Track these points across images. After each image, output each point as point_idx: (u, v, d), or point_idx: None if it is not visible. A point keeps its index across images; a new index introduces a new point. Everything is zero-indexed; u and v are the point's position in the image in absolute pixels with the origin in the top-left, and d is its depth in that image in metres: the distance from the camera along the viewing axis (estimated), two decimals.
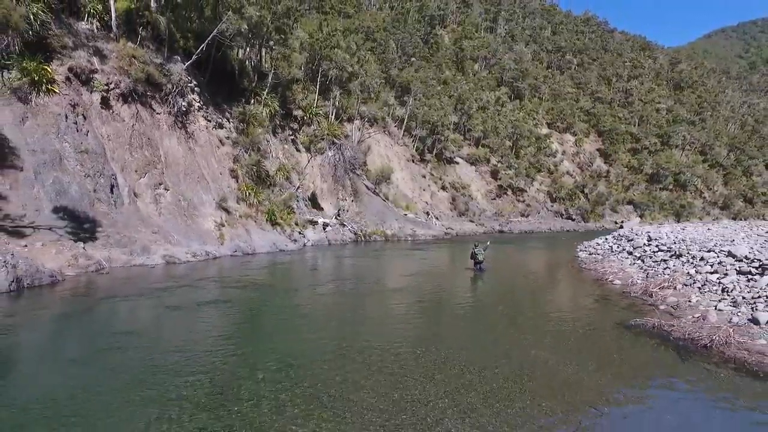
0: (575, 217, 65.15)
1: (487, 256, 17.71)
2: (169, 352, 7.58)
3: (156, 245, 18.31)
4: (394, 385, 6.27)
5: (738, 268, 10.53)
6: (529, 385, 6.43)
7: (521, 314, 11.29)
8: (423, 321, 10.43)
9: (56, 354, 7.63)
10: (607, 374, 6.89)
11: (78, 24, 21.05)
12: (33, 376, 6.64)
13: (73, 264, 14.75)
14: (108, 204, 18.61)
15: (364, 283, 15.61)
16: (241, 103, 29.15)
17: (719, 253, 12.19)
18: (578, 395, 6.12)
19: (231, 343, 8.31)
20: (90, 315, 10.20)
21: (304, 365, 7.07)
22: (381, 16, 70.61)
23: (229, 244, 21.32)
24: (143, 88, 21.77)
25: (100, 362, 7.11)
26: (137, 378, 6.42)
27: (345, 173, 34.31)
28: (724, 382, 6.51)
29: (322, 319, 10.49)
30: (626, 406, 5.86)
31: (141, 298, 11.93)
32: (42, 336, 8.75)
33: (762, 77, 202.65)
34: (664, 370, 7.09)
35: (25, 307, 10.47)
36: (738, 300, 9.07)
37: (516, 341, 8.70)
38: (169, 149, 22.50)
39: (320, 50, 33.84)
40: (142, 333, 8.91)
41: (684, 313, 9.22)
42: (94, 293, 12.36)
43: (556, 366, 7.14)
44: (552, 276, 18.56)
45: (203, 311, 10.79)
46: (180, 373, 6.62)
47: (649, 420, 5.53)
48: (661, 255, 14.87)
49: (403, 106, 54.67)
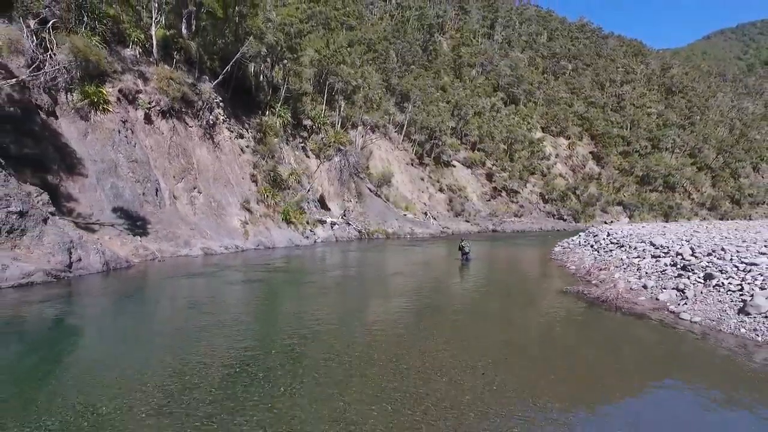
0: (566, 217, 68.61)
1: (474, 250, 21.21)
2: (235, 310, 11.13)
3: (194, 239, 21.86)
4: (391, 338, 9.81)
5: (652, 254, 14.02)
6: (485, 318, 9.97)
7: (494, 286, 14.81)
8: (417, 293, 13.96)
9: (162, 308, 11.17)
10: (534, 316, 10.41)
11: (124, 51, 24.61)
12: (159, 317, 10.18)
13: (136, 254, 18.29)
14: (154, 205, 22.17)
15: (368, 269, 19.15)
16: (258, 114, 32.69)
17: (646, 243, 15.68)
18: (510, 322, 9.64)
19: (275, 305, 11.85)
20: (170, 288, 13.74)
21: (329, 323, 10.61)
22: (382, 26, 74.15)
23: (252, 239, 24.86)
24: (179, 105, 25.34)
25: (193, 317, 10.66)
26: (220, 323, 9.97)
27: (350, 177, 37.85)
28: (606, 318, 10.01)
29: (336, 292, 14.03)
30: (539, 328, 9.35)
31: (199, 277, 15.48)
32: (148, 298, 12.30)
33: (757, 80, 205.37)
34: (574, 312, 10.58)
35: (122, 282, 14.01)
36: (643, 274, 12.57)
37: (486, 302, 12.24)
38: (200, 157, 26.06)
39: (327, 65, 37.39)
40: (214, 299, 12.44)
41: (605, 284, 12.72)
42: (162, 274, 15.90)
43: (506, 308, 10.68)
44: (526, 264, 22.10)
45: (252, 285, 14.34)
46: (242, 322, 10.16)
47: (551, 330, 9.01)
48: (611, 247, 18.38)
49: (402, 113, 58.23)
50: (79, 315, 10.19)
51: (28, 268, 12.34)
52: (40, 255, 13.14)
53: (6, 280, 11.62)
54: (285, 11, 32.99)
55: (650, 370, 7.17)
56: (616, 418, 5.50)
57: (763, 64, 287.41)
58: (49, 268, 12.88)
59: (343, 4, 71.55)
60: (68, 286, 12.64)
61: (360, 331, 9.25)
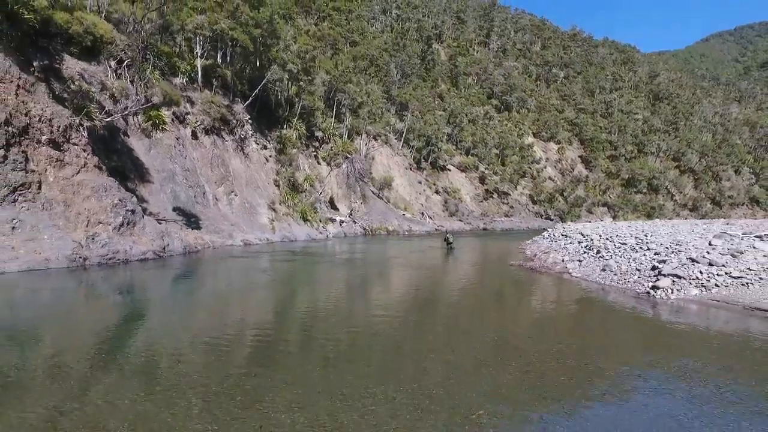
0: (553, 217, 74.18)
1: (458, 242, 26.81)
2: (281, 277, 16.77)
3: (235, 233, 27.48)
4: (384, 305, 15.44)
5: (579, 240, 19.61)
6: (455, 280, 15.57)
7: (465, 263, 20.42)
8: (407, 271, 19.55)
9: (236, 273, 16.81)
10: (487, 276, 16.00)
11: (175, 80, 30.25)
12: (235, 279, 15.81)
13: (197, 243, 23.89)
14: (203, 205, 27.80)
15: (373, 255, 24.81)
16: (278, 128, 38.33)
17: (579, 234, 21.30)
18: (470, 280, 15.24)
19: (309, 275, 17.50)
20: (235, 264, 19.36)
21: (350, 287, 16.25)
22: (383, 39, 79.83)
23: (278, 233, 30.48)
24: (218, 124, 30.99)
25: (256, 279, 16.26)
26: (275, 282, 15.58)
27: (356, 181, 43.50)
28: (530, 276, 15.60)
29: (350, 268, 19.65)
30: (488, 282, 14.91)
31: (250, 258, 21.11)
32: (227, 267, 17.92)
33: (750, 84, 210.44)
34: (512, 274, 16.17)
35: (200, 261, 19.60)
36: (565, 254, 18.19)
37: (456, 271, 17.87)
38: (235, 166, 31.70)
39: (336, 84, 43.04)
40: (273, 270, 18.01)
41: (542, 261, 18.34)
42: (224, 256, 21.53)
43: (470, 273, 16.33)
44: (497, 250, 27.76)
45: (294, 261, 19.96)
46: (300, 283, 15.79)
47: (493, 282, 14.57)
48: (560, 238, 24.00)
49: (402, 121, 63.92)
50: (186, 276, 15.85)
51: (143, 249, 17.98)
52: (147, 241, 18.76)
53: (133, 255, 17.26)
54: (301, 40, 38.62)
55: (539, 296, 12.77)
56: (506, 312, 11.08)
57: (759, 67, 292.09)
58: (153, 249, 18.51)
59: (347, 21, 77.42)
60: (166, 261, 18.28)
61: (362, 299, 14.89)
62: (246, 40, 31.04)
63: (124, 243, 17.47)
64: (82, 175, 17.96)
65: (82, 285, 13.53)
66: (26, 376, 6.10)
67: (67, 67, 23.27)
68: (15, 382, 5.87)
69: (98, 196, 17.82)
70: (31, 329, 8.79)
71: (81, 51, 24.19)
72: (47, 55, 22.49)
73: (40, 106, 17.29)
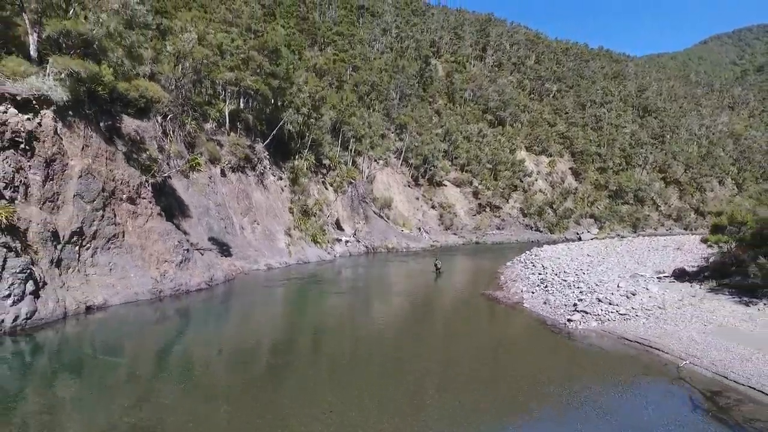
0: (542, 229, 79.38)
1: (448, 266, 32.00)
2: (320, 293, 22.03)
3: (259, 258, 32.70)
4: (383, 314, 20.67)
5: (538, 273, 24.79)
6: (433, 304, 20.76)
7: (446, 289, 25.60)
8: (396, 299, 24.75)
9: (272, 294, 22.02)
10: (454, 307, 21.17)
11: (206, 125, 35.48)
12: (274, 298, 21.02)
13: (231, 269, 29.10)
14: (232, 235, 33.02)
15: (372, 281, 30.04)
16: (291, 159, 43.53)
17: (540, 265, 26.50)
18: (444, 305, 20.43)
19: (339, 289, 22.75)
20: (269, 291, 24.55)
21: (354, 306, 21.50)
22: (383, 60, 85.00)
23: (294, 256, 35.69)
24: (242, 162, 36.22)
25: (292, 297, 21.48)
26: (319, 301, 20.81)
27: (359, 204, 48.73)
28: (490, 305, 20.77)
29: (349, 297, 24.88)
30: (454, 308, 20.07)
31: (279, 285, 26.32)
32: (265, 289, 23.12)
33: (743, 90, 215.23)
34: (476, 303, 21.33)
35: (240, 286, 24.77)
36: (527, 284, 23.40)
37: (438, 296, 23.09)
38: (257, 198, 36.93)
39: (341, 117, 48.29)
40: (295, 297, 23.20)
41: (507, 290, 23.50)
42: (255, 281, 26.73)
43: (447, 299, 21.56)
44: (477, 274, 32.95)
45: (316, 284, 25.20)
46: (325, 300, 21.03)
47: (458, 310, 19.71)
48: (529, 266, 29.21)
49: (401, 140, 69.17)
50: (236, 299, 21.08)
51: (197, 280, 23.22)
52: (199, 273, 23.99)
53: (191, 286, 22.50)
54: (311, 82, 43.87)
55: (487, 325, 17.95)
56: (469, 336, 16.27)
57: (756, 70, 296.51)
58: (205, 281, 23.75)
59: (350, 45, 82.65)
60: (214, 290, 23.50)
61: (364, 313, 20.14)
62: (266, 90, 36.24)
63: (185, 277, 22.71)
64: (151, 223, 23.18)
65: (175, 312, 18.80)
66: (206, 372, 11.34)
67: (125, 125, 28.48)
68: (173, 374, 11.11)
69: (163, 239, 23.06)
70: (172, 343, 14.04)
71: (136, 111, 29.41)
72: (110, 117, 27.70)
73: (121, 171, 22.51)
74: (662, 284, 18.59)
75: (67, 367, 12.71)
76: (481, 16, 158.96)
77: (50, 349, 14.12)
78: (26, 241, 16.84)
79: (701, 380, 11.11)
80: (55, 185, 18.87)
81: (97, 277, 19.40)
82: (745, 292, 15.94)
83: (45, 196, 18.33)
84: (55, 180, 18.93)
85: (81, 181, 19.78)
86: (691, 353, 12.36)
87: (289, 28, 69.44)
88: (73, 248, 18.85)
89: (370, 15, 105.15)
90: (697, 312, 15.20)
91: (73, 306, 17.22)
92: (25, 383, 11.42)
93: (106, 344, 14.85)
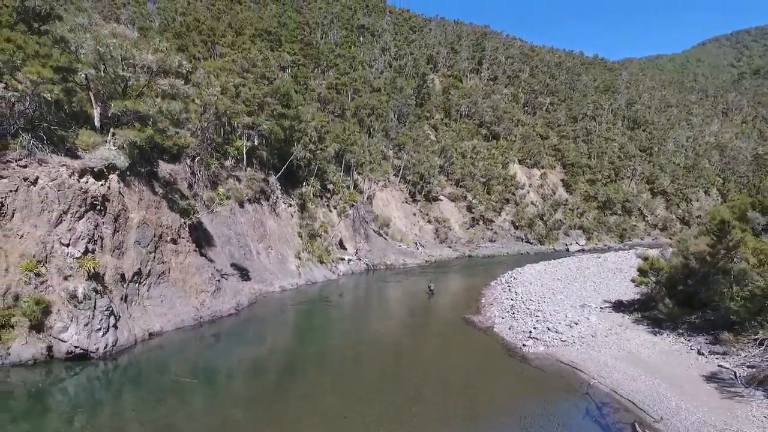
0: (533, 241, 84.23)
1: (439, 286, 36.95)
2: (336, 312, 26.99)
3: (274, 280, 37.61)
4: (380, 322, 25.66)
5: (511, 298, 29.68)
6: (418, 324, 25.69)
7: (432, 314, 30.46)
8: (395, 310, 29.63)
9: (297, 323, 26.95)
10: (434, 331, 26.07)
11: (226, 162, 40.41)
12: (298, 328, 25.95)
13: (251, 292, 33.99)
14: (250, 260, 37.94)
15: (372, 302, 34.97)
16: (299, 187, 48.45)
17: (513, 292, 31.41)
18: (429, 327, 25.33)
19: (351, 307, 27.71)
20: (287, 311, 29.46)
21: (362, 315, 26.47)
22: (382, 81, 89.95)
23: (303, 277, 40.58)
24: (258, 195, 41.15)
25: (312, 316, 26.41)
26: (343, 319, 25.75)
27: (360, 224, 53.66)
28: (466, 329, 25.63)
29: (355, 304, 29.78)
30: (437, 329, 24.94)
31: (296, 304, 31.24)
32: (288, 318, 28.04)
33: (737, 96, 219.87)
34: (455, 328, 26.19)
35: (263, 307, 29.65)
36: (500, 308, 28.29)
37: (419, 325, 28.03)
38: (270, 226, 41.86)
39: (344, 146, 53.24)
40: (307, 321, 28.09)
41: (483, 313, 28.38)
42: (275, 302, 31.63)
43: (433, 320, 26.52)
44: (464, 295, 37.75)
45: (324, 309, 30.13)
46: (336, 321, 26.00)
47: (439, 332, 24.58)
48: (507, 289, 34.09)
49: (399, 158, 74.14)
50: (259, 323, 26.01)
51: (228, 307, 28.16)
52: (228, 300, 28.91)
53: (224, 312, 27.44)
54: (318, 116, 48.83)
55: (458, 348, 22.83)
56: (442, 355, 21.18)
57: (753, 73, 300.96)
58: (234, 306, 28.68)
59: (351, 67, 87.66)
60: (241, 313, 28.40)
61: (363, 328, 25.10)
62: (278, 130, 41.16)
63: (218, 304, 27.65)
64: (189, 259, 28.10)
65: (215, 336, 23.72)
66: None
67: (161, 169, 33.42)
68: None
69: (199, 272, 27.99)
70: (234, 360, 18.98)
71: (169, 156, 34.36)
72: (149, 164, 32.64)
73: (165, 217, 27.42)
74: (602, 314, 23.49)
75: (152, 381, 17.65)
76: (477, 29, 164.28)
77: (135, 368, 19.08)
78: (104, 283, 21.76)
79: (600, 394, 16.00)
80: (120, 235, 23.81)
81: (152, 308, 24.32)
82: (657, 323, 20.76)
83: (114, 245, 23.26)
84: (120, 231, 23.86)
85: (139, 230, 24.71)
86: (601, 374, 17.25)
87: (294, 54, 74.42)
88: (135, 286, 23.78)
89: (370, 35, 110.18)
90: (617, 340, 20.10)
91: (140, 333, 22.15)
92: (131, 392, 16.36)
93: (172, 363, 19.78)
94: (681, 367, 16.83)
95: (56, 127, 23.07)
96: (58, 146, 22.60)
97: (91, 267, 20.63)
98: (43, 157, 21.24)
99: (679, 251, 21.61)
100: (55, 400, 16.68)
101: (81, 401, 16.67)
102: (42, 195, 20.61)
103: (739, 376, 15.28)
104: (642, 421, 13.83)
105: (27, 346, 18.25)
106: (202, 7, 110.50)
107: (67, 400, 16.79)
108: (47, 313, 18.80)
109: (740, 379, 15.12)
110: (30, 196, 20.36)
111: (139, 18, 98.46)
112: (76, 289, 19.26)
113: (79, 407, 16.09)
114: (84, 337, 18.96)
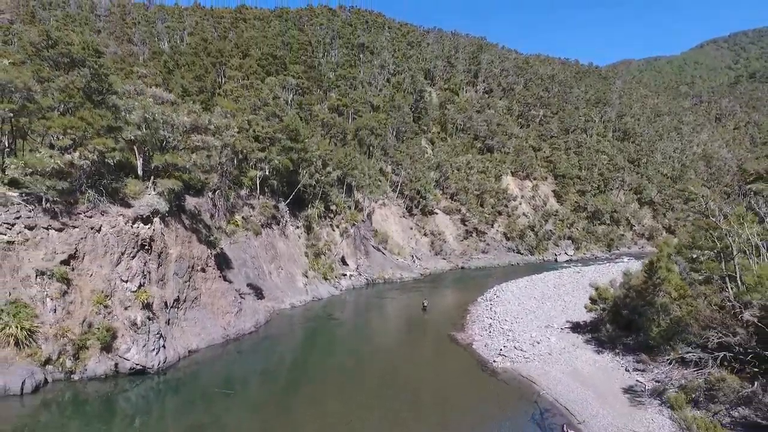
0: (523, 251, 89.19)
1: (432, 301, 42.01)
2: (347, 325, 32.02)
3: (285, 298, 42.57)
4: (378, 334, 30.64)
5: (491, 317, 34.61)
6: (412, 337, 30.67)
7: (422, 330, 35.40)
8: (390, 326, 34.57)
9: (306, 338, 31.97)
10: (421, 347, 31.01)
11: (241, 191, 45.38)
12: (309, 343, 30.94)
13: (266, 310, 38.91)
14: (263, 280, 42.91)
15: (371, 319, 39.96)
16: (304, 210, 53.43)
17: (493, 311, 36.37)
18: (421, 341, 30.29)
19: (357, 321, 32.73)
20: (297, 328, 34.43)
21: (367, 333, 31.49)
22: (381, 98, 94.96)
23: (310, 294, 45.53)
24: (269, 220, 46.13)
25: (326, 330, 31.40)
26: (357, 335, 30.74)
27: (361, 242, 58.66)
28: (449, 345, 30.55)
29: (356, 320, 34.75)
30: (422, 345, 29.87)
31: (305, 321, 36.21)
32: (299, 333, 33.01)
33: (732, 100, 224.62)
34: (439, 345, 31.10)
35: (281, 324, 34.59)
36: (480, 326, 33.24)
37: (409, 341, 33.01)
38: (280, 247, 46.82)
39: (345, 170, 58.25)
40: (316, 337, 33.04)
41: (467, 330, 33.31)
42: (289, 318, 36.57)
43: (414, 345, 31.55)
44: (452, 311, 42.68)
45: (330, 326, 35.12)
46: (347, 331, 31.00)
47: (425, 346, 29.49)
48: (490, 306, 39.02)
49: (396, 175, 79.17)
50: (276, 339, 30.98)
51: (249, 325, 33.12)
52: (248, 319, 33.87)
53: (246, 330, 32.40)
54: (322, 145, 53.86)
55: (440, 363, 27.76)
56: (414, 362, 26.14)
57: (749, 77, 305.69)
58: (253, 325, 33.65)
59: (352, 87, 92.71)
60: (260, 331, 33.35)
61: (363, 343, 30.11)
62: (287, 162, 46.15)
63: (241, 323, 32.61)
64: (215, 284, 33.07)
65: (242, 351, 28.68)
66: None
67: (187, 203, 38.39)
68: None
69: (225, 296, 32.96)
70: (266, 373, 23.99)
71: (194, 191, 39.34)
72: (177, 198, 37.60)
73: (196, 249, 32.37)
74: (561, 334, 28.45)
75: (198, 390, 22.62)
76: (474, 40, 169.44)
77: (182, 380, 24.02)
78: (153, 310, 26.71)
79: (545, 402, 20.94)
80: (163, 269, 28.78)
81: (189, 328, 29.30)
82: (601, 344, 25.64)
83: (158, 277, 28.23)
84: (162, 265, 28.83)
85: (177, 264, 29.69)
86: (549, 386, 22.20)
87: (298, 77, 79.38)
88: (175, 311, 28.75)
89: (370, 53, 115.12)
90: (568, 358, 25.05)
91: (181, 351, 27.10)
92: (183, 400, 21.34)
93: (211, 376, 24.74)
94: (610, 381, 21.75)
95: (111, 180, 28.03)
96: (113, 196, 27.56)
97: (144, 299, 25.58)
98: (104, 208, 26.19)
99: (622, 284, 26.49)
100: (125, 406, 21.65)
101: (143, 407, 21.65)
102: (105, 240, 25.58)
103: (647, 388, 20.13)
104: (570, 423, 18.72)
105: (99, 363, 23.21)
106: (209, 26, 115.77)
107: (132, 407, 21.76)
108: (114, 338, 23.76)
109: (647, 391, 19.96)
110: (96, 242, 25.33)
111: (149, 38, 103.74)
112: (135, 318, 24.23)
113: (144, 412, 21.06)
114: (143, 356, 23.92)
